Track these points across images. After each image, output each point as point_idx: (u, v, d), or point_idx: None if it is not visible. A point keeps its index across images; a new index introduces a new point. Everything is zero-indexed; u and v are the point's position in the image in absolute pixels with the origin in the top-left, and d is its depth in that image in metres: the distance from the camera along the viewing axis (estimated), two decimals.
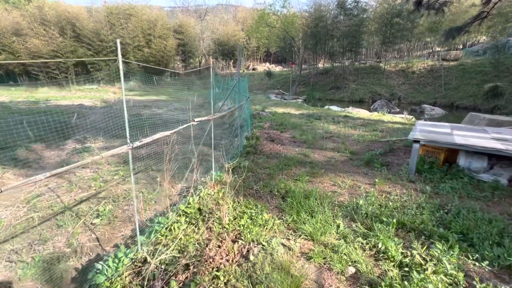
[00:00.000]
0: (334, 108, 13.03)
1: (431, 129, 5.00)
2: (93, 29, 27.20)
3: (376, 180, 4.07)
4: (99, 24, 27.70)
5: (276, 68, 37.58)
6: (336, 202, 3.49)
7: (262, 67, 39.29)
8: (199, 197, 3.44)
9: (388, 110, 10.98)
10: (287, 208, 3.29)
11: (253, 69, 39.16)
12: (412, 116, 10.19)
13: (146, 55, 29.20)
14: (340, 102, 22.77)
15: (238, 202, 3.41)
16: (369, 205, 3.35)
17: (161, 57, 30.16)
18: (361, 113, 11.23)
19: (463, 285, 2.08)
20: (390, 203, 3.37)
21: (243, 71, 38.19)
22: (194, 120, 3.23)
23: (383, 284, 2.08)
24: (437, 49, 33.27)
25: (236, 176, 4.30)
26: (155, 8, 31.58)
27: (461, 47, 30.70)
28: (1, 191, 1.35)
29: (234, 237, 2.75)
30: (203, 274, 2.18)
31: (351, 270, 2.31)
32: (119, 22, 28.04)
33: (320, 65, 32.41)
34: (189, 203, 3.24)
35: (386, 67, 26.84)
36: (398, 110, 17.89)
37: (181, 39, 31.85)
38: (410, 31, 24.80)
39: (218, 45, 35.56)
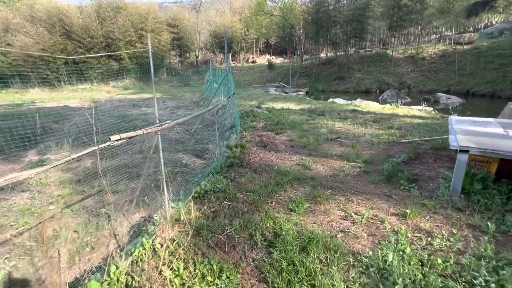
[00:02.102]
0: (339, 101, 11.60)
1: (476, 129, 3.65)
2: (82, 25, 25.95)
3: (407, 210, 2.78)
4: (88, 19, 26.43)
5: (277, 60, 35.89)
6: (350, 255, 2.23)
7: (262, 59, 37.63)
8: (132, 261, 2.19)
9: (400, 101, 9.54)
10: (271, 274, 2.03)
11: (253, 61, 37.53)
12: (431, 108, 8.74)
13: (139, 51, 27.89)
14: (345, 94, 21.23)
15: (195, 265, 2.16)
16: (404, 264, 2.08)
17: (156, 52, 28.83)
18: (371, 106, 9.80)
19: None
20: (438, 260, 2.09)
21: (242, 64, 36.65)
22: (111, 139, 1.98)
23: None
24: (447, 33, 31.19)
25: (205, 207, 3.06)
26: (144, 4, 30.12)
27: (471, 30, 28.62)
28: None
29: None
30: None
31: None
32: (108, 17, 26.72)
33: (322, 54, 30.68)
34: (110, 276, 1.98)
35: (393, 54, 25.05)
36: (410, 100, 16.36)
37: (176, 32, 30.38)
38: (420, 13, 22.88)
39: (214, 37, 34.02)
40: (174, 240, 2.44)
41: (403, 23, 23.76)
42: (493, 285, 1.84)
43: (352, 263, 2.16)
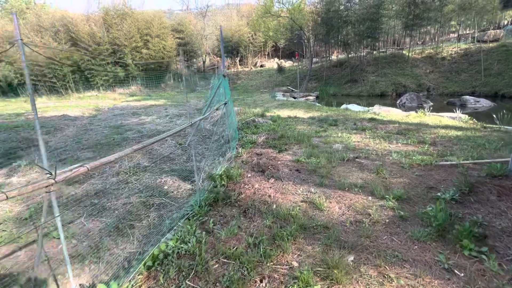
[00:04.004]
0: (354, 107, 10.29)
1: None
2: (89, 32, 25.86)
3: None
4: (95, 26, 26.35)
5: (286, 63, 34.80)
6: None
7: (271, 63, 36.63)
8: None
9: (427, 107, 8.19)
10: None
11: (261, 65, 36.58)
12: (466, 115, 7.33)
13: (145, 56, 27.54)
14: (359, 97, 19.83)
15: None
16: None
17: (161, 58, 28.40)
18: (392, 113, 8.46)
19: None
20: None
21: (250, 68, 35.79)
22: None
23: None
24: (465, 31, 29.25)
25: None
26: (151, 11, 29.84)
27: (493, 27, 26.52)
28: None
29: None
30: None
31: None
32: (115, 24, 26.56)
33: (333, 57, 29.36)
34: None
35: (410, 54, 23.44)
36: (432, 104, 14.82)
37: (182, 38, 29.89)
38: (439, 10, 21.26)
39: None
40: None
41: (420, 22, 22.17)
42: None
43: None
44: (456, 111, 7.71)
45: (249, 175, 3.96)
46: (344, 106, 10.85)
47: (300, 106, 11.38)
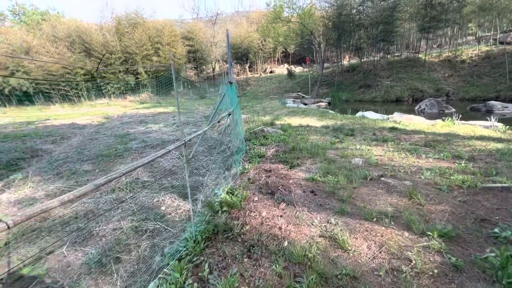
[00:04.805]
0: (371, 115, 9.55)
1: None
2: (102, 41, 26.35)
3: None
4: (108, 35, 26.85)
5: (296, 69, 34.31)
6: None
7: (281, 69, 36.25)
8: None
9: (455, 115, 7.40)
10: None
11: (271, 71, 36.26)
12: (503, 125, 6.47)
13: (155, 64, 27.76)
14: (373, 103, 18.99)
15: None
16: None
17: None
18: (415, 122, 7.68)
19: None
20: None
21: (260, 75, 35.50)
22: None
23: None
24: (486, 33, 27.89)
25: None
26: (161, 20, 30.21)
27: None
28: None
29: None
30: None
31: None
32: (127, 32, 26.98)
33: (345, 61, 28.63)
34: None
35: (426, 58, 22.44)
36: (454, 110, 13.85)
37: (191, 45, 30.04)
38: (458, 11, 20.28)
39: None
40: None
41: (437, 24, 21.21)
42: None
43: None
44: (489, 119, 6.87)
45: (256, 198, 3.38)
46: (360, 113, 10.12)
47: (312, 114, 10.76)
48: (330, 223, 2.81)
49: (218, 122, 4.91)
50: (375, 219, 2.82)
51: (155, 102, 24.86)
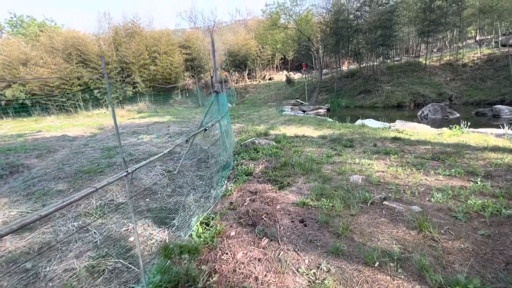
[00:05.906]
0: (372, 123, 8.96)
1: None
2: (98, 52, 26.21)
3: None
4: (104, 46, 26.76)
5: (295, 76, 34.01)
6: None
7: (280, 76, 35.96)
8: None
9: (463, 123, 6.81)
10: None
11: (270, 78, 35.96)
12: None
13: (152, 73, 27.53)
14: (373, 109, 18.45)
15: None
16: None
17: (169, 74, 28.29)
18: (419, 131, 7.07)
19: None
20: None
21: (259, 82, 35.21)
22: None
23: None
24: (485, 36, 27.52)
25: None
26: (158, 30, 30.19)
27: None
28: None
29: None
30: None
31: None
32: (124, 42, 26.88)
33: (344, 67, 28.27)
34: None
35: (427, 62, 21.99)
36: (458, 115, 13.26)
37: (189, 53, 29.86)
38: (458, 14, 19.92)
39: (229, 56, 33.14)
40: None
41: (437, 27, 20.84)
42: None
43: None
44: (502, 126, 6.28)
45: (233, 232, 2.80)
46: (359, 121, 9.55)
47: (309, 122, 10.21)
48: (321, 269, 2.22)
49: (187, 141, 4.37)
50: (377, 263, 2.23)
51: (152, 111, 24.53)
